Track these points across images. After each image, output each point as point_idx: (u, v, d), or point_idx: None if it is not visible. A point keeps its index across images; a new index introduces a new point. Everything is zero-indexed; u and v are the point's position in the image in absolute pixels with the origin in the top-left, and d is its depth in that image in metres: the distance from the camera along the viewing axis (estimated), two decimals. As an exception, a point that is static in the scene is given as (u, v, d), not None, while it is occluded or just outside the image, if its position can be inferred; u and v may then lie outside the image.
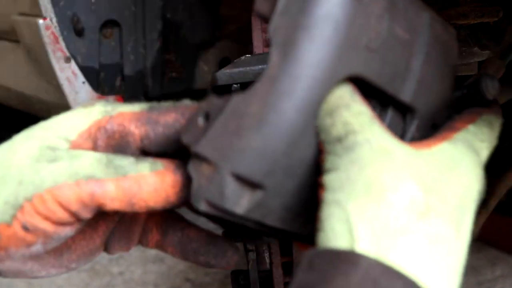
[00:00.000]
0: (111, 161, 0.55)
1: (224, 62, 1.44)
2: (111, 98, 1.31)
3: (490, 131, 0.60)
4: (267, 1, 0.52)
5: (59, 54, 1.23)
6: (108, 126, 0.59)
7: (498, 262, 1.88)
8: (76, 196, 0.53)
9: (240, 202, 0.51)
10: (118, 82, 1.33)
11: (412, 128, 0.58)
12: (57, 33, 1.23)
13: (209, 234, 0.68)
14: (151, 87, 1.36)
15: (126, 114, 0.59)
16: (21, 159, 0.56)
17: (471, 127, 0.58)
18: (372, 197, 0.47)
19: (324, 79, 0.50)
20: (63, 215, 0.54)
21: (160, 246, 0.68)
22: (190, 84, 1.43)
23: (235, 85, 0.82)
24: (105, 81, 1.32)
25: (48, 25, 1.21)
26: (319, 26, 0.50)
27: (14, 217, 0.53)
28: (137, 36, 1.32)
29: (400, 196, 0.48)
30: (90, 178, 0.53)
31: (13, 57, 1.40)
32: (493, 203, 1.16)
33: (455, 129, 0.57)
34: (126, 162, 0.55)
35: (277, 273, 1.01)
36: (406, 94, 0.56)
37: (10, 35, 1.37)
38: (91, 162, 0.54)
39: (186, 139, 0.53)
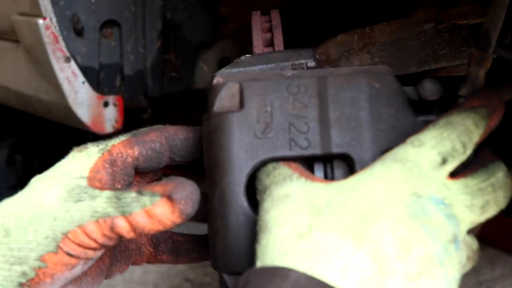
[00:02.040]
0: (119, 198, 0.68)
1: (224, 62, 1.44)
2: (111, 98, 1.31)
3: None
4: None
5: (59, 54, 1.23)
6: (110, 157, 0.75)
7: (498, 262, 1.88)
8: (100, 232, 0.68)
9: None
10: (118, 82, 1.33)
11: (339, 171, 0.70)
12: (57, 33, 1.22)
13: (194, 235, 0.84)
14: (151, 87, 1.36)
15: (118, 144, 0.77)
16: (53, 200, 0.70)
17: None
18: (264, 232, 0.62)
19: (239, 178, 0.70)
20: (94, 245, 0.69)
21: (153, 257, 0.83)
22: (190, 84, 1.43)
23: (235, 85, 0.82)
24: (105, 81, 1.31)
25: (48, 25, 1.21)
26: (220, 141, 0.71)
27: (58, 247, 0.68)
28: (137, 36, 1.32)
29: (283, 227, 0.61)
30: (107, 216, 0.68)
31: (13, 57, 1.40)
32: (493, 203, 1.16)
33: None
34: (130, 199, 0.68)
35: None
36: (326, 147, 0.69)
37: (10, 35, 1.37)
38: (105, 201, 0.68)
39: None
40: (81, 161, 0.75)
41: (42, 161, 2.04)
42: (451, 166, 0.66)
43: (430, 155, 0.65)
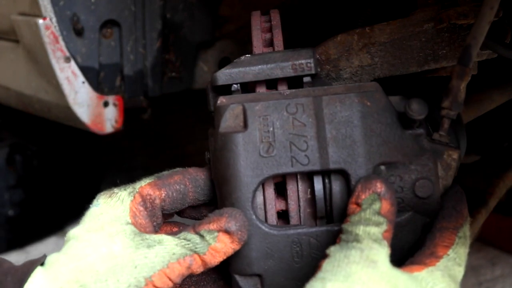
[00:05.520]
0: (188, 240, 0.75)
1: (224, 62, 1.44)
2: (111, 97, 1.31)
3: (465, 250, 0.75)
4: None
5: (58, 54, 1.23)
6: (141, 199, 0.79)
7: (498, 262, 1.88)
8: (179, 272, 0.74)
9: None
10: (117, 82, 1.33)
11: (336, 183, 0.77)
12: (57, 33, 1.22)
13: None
14: (150, 87, 1.36)
15: (146, 186, 0.81)
16: (122, 249, 0.73)
17: (451, 253, 0.73)
18: (346, 285, 0.65)
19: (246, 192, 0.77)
20: (171, 285, 0.74)
21: None
22: (189, 84, 1.43)
23: (235, 85, 0.82)
24: (104, 81, 1.31)
25: (47, 25, 1.21)
26: (228, 160, 0.77)
27: None
28: (137, 36, 1.32)
29: None
30: (185, 256, 0.74)
31: (13, 57, 1.40)
32: (493, 203, 1.16)
33: (437, 257, 0.73)
34: (198, 240, 0.75)
35: None
36: (324, 163, 0.76)
37: (10, 35, 1.37)
38: (176, 243, 0.75)
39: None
40: (117, 207, 0.78)
41: (42, 161, 2.04)
42: None
43: None
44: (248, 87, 0.83)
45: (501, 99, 1.12)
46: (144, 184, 0.81)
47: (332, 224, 0.78)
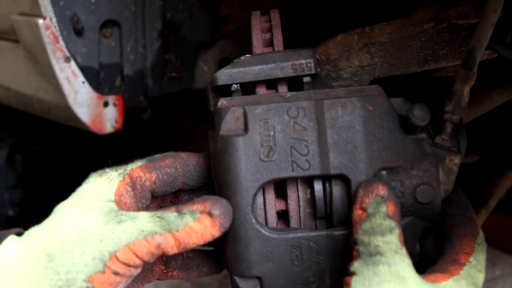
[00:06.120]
0: (162, 217, 0.74)
1: (224, 62, 1.44)
2: (111, 97, 1.31)
3: (484, 256, 0.75)
4: None
5: (58, 54, 1.23)
6: (130, 181, 0.80)
7: (498, 262, 1.88)
8: (147, 249, 0.73)
9: None
10: (117, 82, 1.33)
11: (336, 187, 0.77)
12: (57, 33, 1.22)
13: (203, 250, 0.89)
14: (150, 87, 1.36)
15: (137, 168, 0.82)
16: (93, 223, 0.74)
17: (472, 260, 0.73)
18: None
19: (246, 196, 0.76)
20: (139, 262, 0.74)
21: (164, 274, 0.86)
22: (189, 84, 1.43)
23: (234, 85, 0.82)
24: (104, 81, 1.31)
25: (47, 25, 1.21)
26: (228, 163, 0.77)
27: (105, 266, 0.72)
28: (137, 36, 1.32)
29: None
30: (154, 234, 0.73)
31: (13, 57, 1.40)
32: (493, 203, 1.16)
33: (460, 264, 0.73)
34: (173, 217, 0.74)
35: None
36: (325, 168, 0.76)
37: (10, 35, 1.37)
38: (148, 220, 0.74)
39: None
40: (104, 185, 0.79)
41: (42, 161, 2.04)
42: None
43: None
44: (248, 87, 0.83)
45: (501, 99, 1.12)
46: (135, 167, 0.82)
47: (332, 229, 0.78)
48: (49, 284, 0.71)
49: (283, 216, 0.80)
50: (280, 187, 0.79)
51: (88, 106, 1.29)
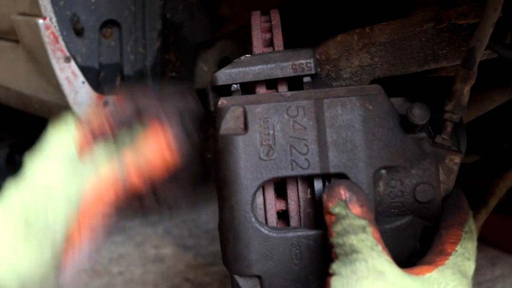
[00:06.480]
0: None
1: (224, 62, 1.44)
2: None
3: (473, 244, 0.74)
4: None
5: (58, 54, 1.23)
6: (88, 126, 0.85)
7: (498, 262, 1.88)
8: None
9: None
10: (118, 82, 1.33)
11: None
12: (57, 33, 1.22)
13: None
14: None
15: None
16: (57, 177, 0.81)
17: (459, 249, 0.73)
18: None
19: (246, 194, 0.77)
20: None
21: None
22: (189, 84, 1.43)
23: (234, 85, 0.82)
24: (104, 81, 1.31)
25: (47, 25, 1.21)
26: (228, 162, 0.77)
27: (77, 221, 0.78)
28: (137, 36, 1.32)
29: None
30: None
31: (13, 57, 1.40)
32: (493, 203, 1.16)
33: (446, 255, 0.72)
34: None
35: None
36: (329, 166, 0.76)
37: (10, 35, 1.37)
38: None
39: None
40: (65, 135, 0.87)
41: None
42: None
43: None
44: (248, 87, 0.83)
45: (501, 99, 1.12)
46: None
47: None
48: (31, 251, 0.76)
49: (283, 216, 0.80)
50: (280, 187, 0.80)
51: (88, 106, 1.29)
